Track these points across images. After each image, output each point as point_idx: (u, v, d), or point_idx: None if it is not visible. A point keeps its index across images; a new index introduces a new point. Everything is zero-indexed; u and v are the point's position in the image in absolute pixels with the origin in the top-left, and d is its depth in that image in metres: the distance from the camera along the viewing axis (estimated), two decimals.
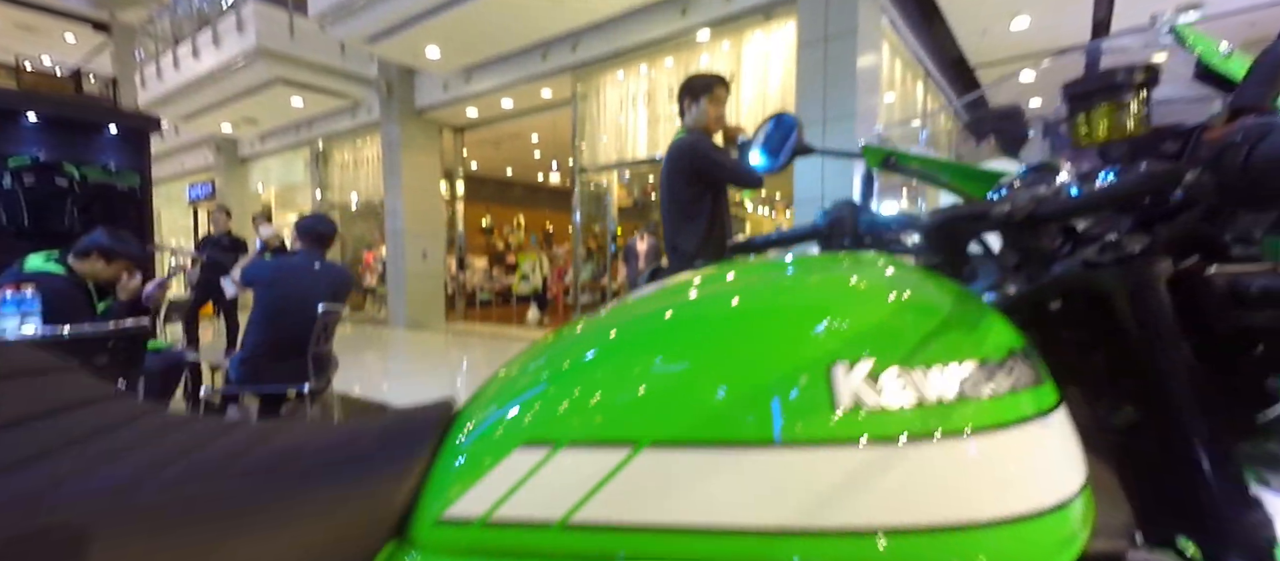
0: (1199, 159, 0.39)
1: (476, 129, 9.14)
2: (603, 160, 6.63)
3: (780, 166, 0.96)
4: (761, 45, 5.36)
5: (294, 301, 2.38)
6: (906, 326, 0.43)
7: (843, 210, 0.75)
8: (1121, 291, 0.46)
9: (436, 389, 4.60)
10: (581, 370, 0.46)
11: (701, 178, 2.01)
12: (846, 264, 0.55)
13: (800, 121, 0.95)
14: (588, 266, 9.34)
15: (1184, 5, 5.72)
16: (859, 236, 0.73)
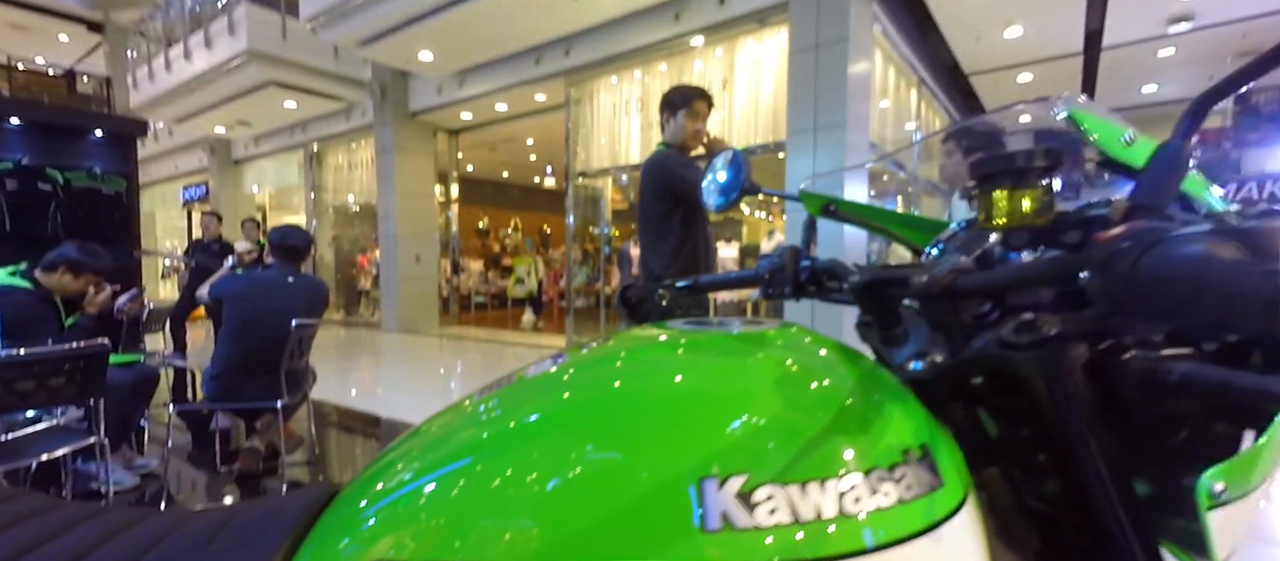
0: (1089, 261, 0.38)
1: (471, 132, 9.09)
2: (596, 165, 6.59)
3: (728, 205, 0.93)
4: (754, 52, 5.32)
5: (266, 316, 2.31)
6: (792, 430, 0.40)
7: (784, 257, 0.73)
8: (1036, 377, 0.44)
9: (422, 398, 4.55)
10: (438, 479, 0.43)
11: (672, 195, 1.95)
12: (751, 343, 0.52)
13: (748, 161, 0.92)
14: (582, 271, 9.30)
15: (1175, 16, 5.69)
16: (800, 284, 0.71)
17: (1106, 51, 6.61)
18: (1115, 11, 5.58)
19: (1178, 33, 6.10)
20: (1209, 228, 0.35)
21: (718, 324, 0.60)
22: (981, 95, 8.31)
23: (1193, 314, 0.32)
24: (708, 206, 0.95)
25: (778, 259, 0.73)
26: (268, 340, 2.28)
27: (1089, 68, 7.17)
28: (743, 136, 5.35)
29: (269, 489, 2.43)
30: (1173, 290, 0.33)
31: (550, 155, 10.81)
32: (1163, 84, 8.04)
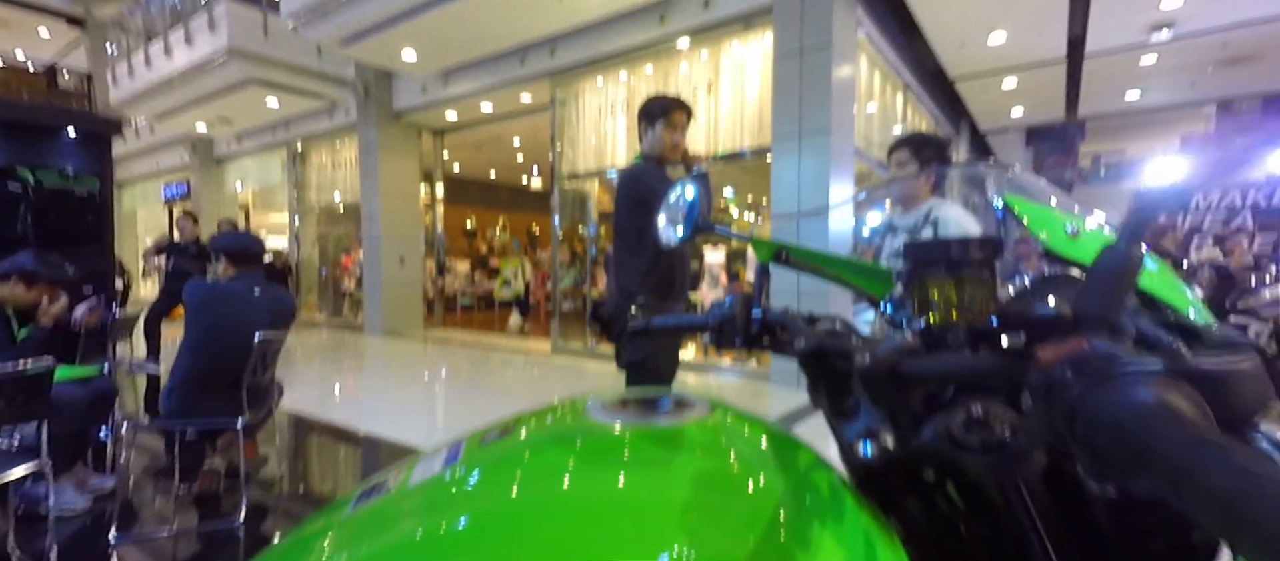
0: (1030, 385, 0.34)
1: (457, 132, 9.01)
2: (582, 167, 6.54)
3: (681, 240, 0.87)
4: (739, 55, 5.29)
5: (228, 329, 2.19)
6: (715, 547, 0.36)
7: (735, 308, 0.70)
8: (989, 482, 0.41)
9: (402, 410, 4.48)
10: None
11: (647, 210, 1.90)
12: (671, 442, 0.48)
13: (706, 193, 0.88)
14: (569, 273, 9.24)
15: (1156, 24, 5.73)
16: (750, 336, 0.68)
17: (1089, 59, 6.65)
18: (1097, 19, 5.60)
19: (1158, 41, 6.15)
20: (1160, 368, 0.31)
21: (642, 407, 0.54)
22: (967, 101, 8.34)
23: (1135, 479, 0.28)
24: (661, 241, 0.90)
25: (727, 309, 0.70)
26: (229, 354, 2.18)
27: (1072, 74, 7.22)
28: (728, 141, 5.33)
29: (228, 510, 2.36)
30: (1114, 449, 0.29)
31: (537, 156, 10.73)
32: (1145, 90, 8.10)
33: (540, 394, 4.89)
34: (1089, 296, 0.38)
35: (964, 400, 0.43)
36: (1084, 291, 0.39)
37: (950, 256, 0.42)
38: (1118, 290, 0.37)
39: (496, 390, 4.96)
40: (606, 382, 4.88)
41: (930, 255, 0.43)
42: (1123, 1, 5.29)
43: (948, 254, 0.42)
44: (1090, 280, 0.39)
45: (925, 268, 0.43)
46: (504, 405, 4.39)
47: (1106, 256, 0.38)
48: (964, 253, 0.42)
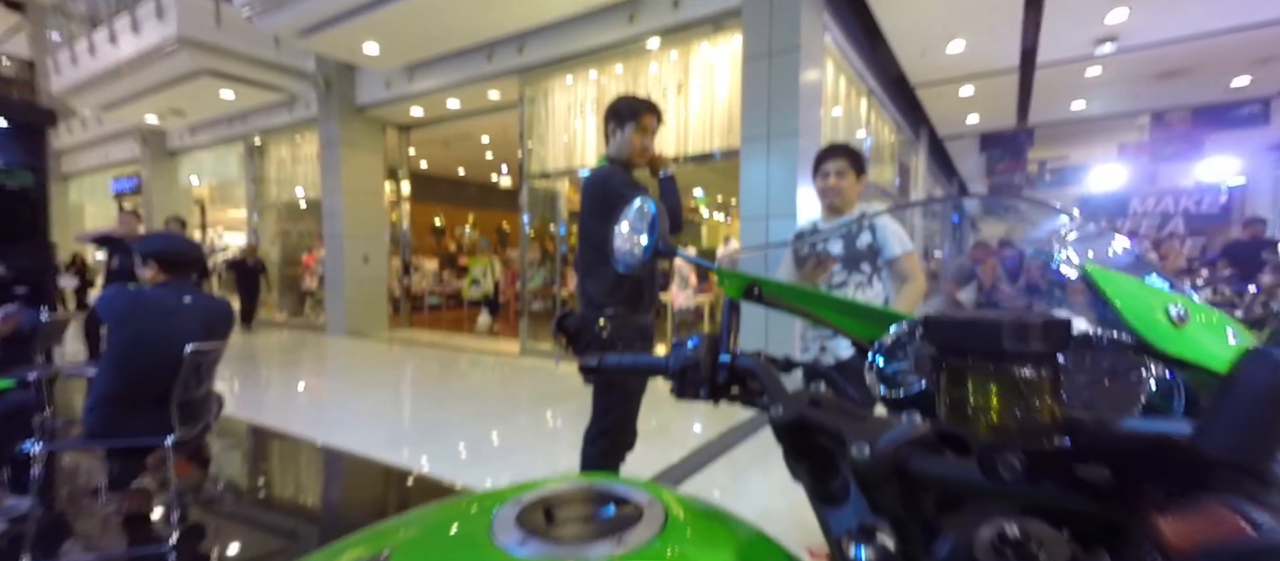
0: None
1: (423, 128, 8.83)
2: (552, 166, 6.50)
3: (638, 265, 0.77)
4: (709, 57, 5.34)
5: (154, 342, 1.99)
6: None
7: (698, 352, 0.60)
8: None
9: (363, 418, 4.38)
10: None
11: (613, 216, 1.86)
12: None
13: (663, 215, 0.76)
14: (538, 273, 9.17)
15: (1101, 38, 6.04)
16: (717, 385, 0.60)
17: (1040, 69, 6.95)
18: (1048, 31, 5.86)
19: (1103, 54, 6.48)
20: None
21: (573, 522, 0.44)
22: (927, 107, 8.62)
23: None
24: (615, 267, 0.81)
25: (691, 352, 0.60)
26: (156, 369, 1.99)
27: (1024, 83, 7.53)
28: (698, 142, 5.38)
29: (160, 533, 2.24)
30: None
31: (506, 154, 10.61)
32: (1090, 101, 8.52)
33: (508, 397, 4.84)
34: (1226, 428, 0.27)
35: (991, 509, 0.35)
36: (1218, 418, 0.27)
37: (1002, 343, 0.30)
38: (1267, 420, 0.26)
39: (463, 393, 4.88)
40: (574, 386, 4.86)
41: (969, 338, 0.31)
42: (1072, 15, 5.55)
43: (997, 339, 0.30)
44: (1225, 403, 0.27)
45: (958, 353, 0.32)
46: (470, 409, 4.33)
47: (1256, 368, 0.27)
48: (1023, 340, 0.30)
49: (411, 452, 3.33)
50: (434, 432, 3.70)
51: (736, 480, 2.92)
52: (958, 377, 0.32)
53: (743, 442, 3.39)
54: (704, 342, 0.61)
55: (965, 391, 0.32)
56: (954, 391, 0.32)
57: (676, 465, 3.07)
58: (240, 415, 4.00)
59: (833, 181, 1.95)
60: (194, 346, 2.03)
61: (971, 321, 0.32)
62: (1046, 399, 0.30)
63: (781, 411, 0.46)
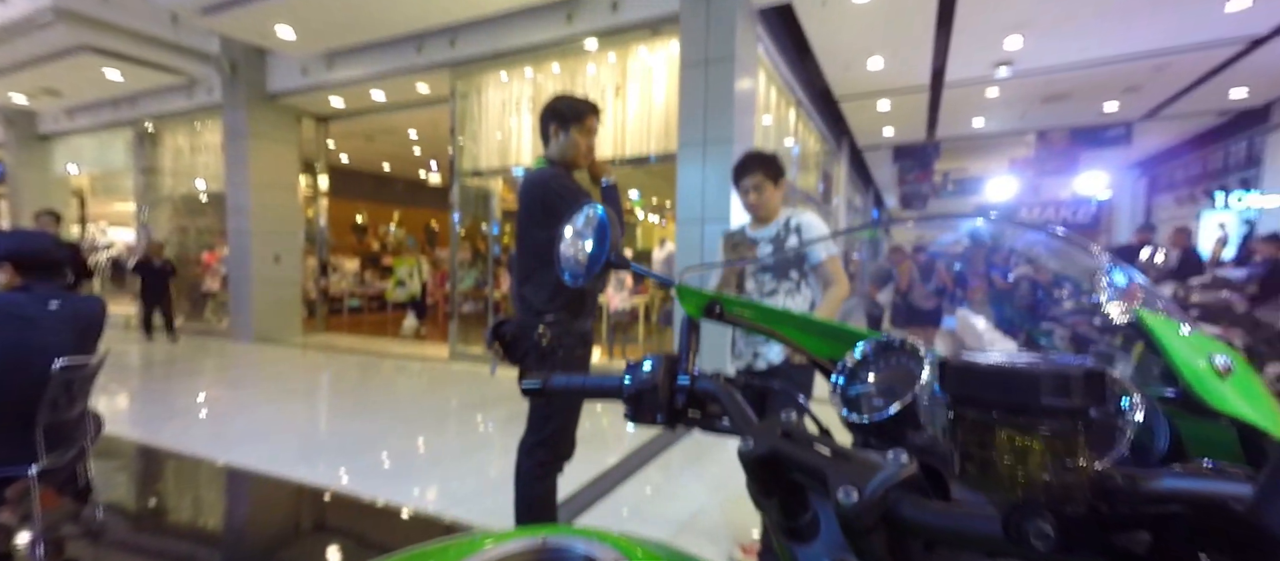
0: None
1: (344, 119, 8.31)
2: (485, 163, 6.31)
3: (588, 279, 0.73)
4: (647, 61, 5.39)
5: (12, 358, 1.74)
6: None
7: (655, 374, 0.56)
8: None
9: (274, 433, 4.06)
10: None
11: (557, 220, 1.80)
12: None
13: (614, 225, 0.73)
14: (469, 273, 8.87)
15: (999, 62, 6.67)
16: (675, 409, 0.56)
17: (947, 88, 7.57)
18: (955, 53, 6.39)
19: (1000, 77, 7.14)
20: None
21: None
22: (848, 119, 9.15)
23: None
24: (562, 278, 0.77)
25: (647, 375, 0.56)
26: (14, 389, 1.73)
27: (933, 101, 8.17)
28: (636, 145, 5.41)
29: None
30: None
31: (436, 149, 10.20)
32: (988, 118, 9.39)
33: (436, 405, 4.65)
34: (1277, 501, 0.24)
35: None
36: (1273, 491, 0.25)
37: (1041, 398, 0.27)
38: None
39: (387, 401, 4.64)
40: (507, 391, 4.75)
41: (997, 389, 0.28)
42: (975, 40, 6.08)
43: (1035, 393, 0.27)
44: None
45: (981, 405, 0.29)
46: (395, 418, 4.12)
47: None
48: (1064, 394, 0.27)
49: (328, 467, 3.12)
50: (354, 444, 3.49)
51: (670, 481, 2.96)
52: (979, 430, 0.29)
53: (675, 445, 3.45)
54: (661, 364, 0.57)
55: (989, 447, 0.29)
56: (975, 446, 0.29)
57: (611, 469, 3.07)
58: (128, 435, 3.59)
59: (752, 197, 1.98)
60: (64, 361, 1.77)
61: (1000, 370, 0.29)
62: (1081, 457, 0.28)
63: (752, 445, 0.42)
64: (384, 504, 2.68)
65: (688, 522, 2.51)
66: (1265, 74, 6.93)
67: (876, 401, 0.51)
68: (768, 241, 1.98)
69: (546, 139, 1.91)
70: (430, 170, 10.82)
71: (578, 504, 2.64)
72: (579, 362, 1.88)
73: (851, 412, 0.50)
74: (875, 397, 0.52)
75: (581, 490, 2.77)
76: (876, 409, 0.49)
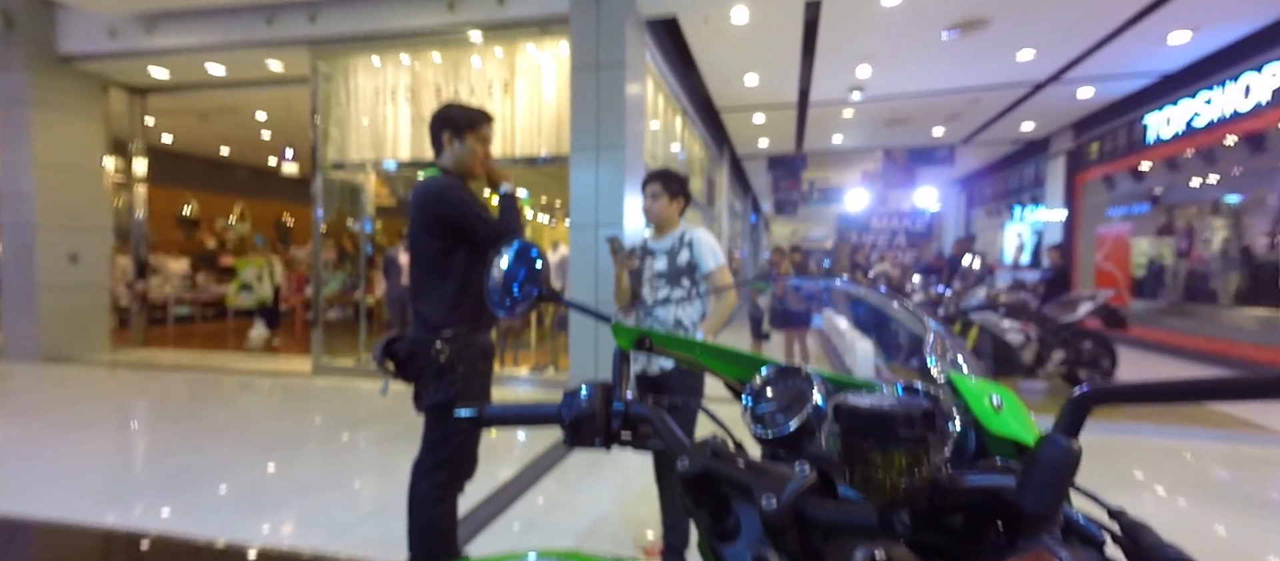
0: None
1: (170, 94, 7.04)
2: (355, 154, 5.71)
3: (518, 313, 0.79)
4: (537, 59, 5.23)
5: None
6: None
7: (592, 401, 0.62)
8: None
9: (66, 471, 3.34)
10: None
11: (453, 231, 1.68)
12: None
13: (546, 258, 0.80)
14: (336, 276, 7.99)
15: (853, 86, 7.49)
16: (611, 433, 0.62)
17: (812, 106, 8.33)
18: (818, 76, 7.04)
19: (854, 100, 8.01)
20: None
21: None
22: (729, 129, 9.71)
23: None
24: (496, 312, 0.81)
25: (584, 403, 0.62)
26: None
27: (800, 117, 8.95)
28: (526, 145, 5.23)
29: None
30: None
31: (292, 135, 9.03)
32: (845, 135, 10.52)
33: (295, 426, 4.11)
34: (1034, 490, 0.38)
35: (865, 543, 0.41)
36: (1028, 484, 0.38)
37: (887, 431, 0.39)
38: (1061, 485, 0.37)
39: (227, 426, 4.00)
40: (380, 406, 4.34)
41: (871, 424, 0.40)
42: (833, 66, 6.75)
43: (886, 426, 0.39)
44: (1034, 472, 0.38)
45: (861, 434, 0.41)
46: (239, 444, 3.57)
47: (1049, 450, 0.38)
48: (908, 428, 0.39)
49: (148, 508, 2.62)
50: (185, 478, 2.96)
51: (569, 490, 2.90)
52: (859, 451, 0.41)
53: (571, 455, 3.39)
54: (597, 392, 0.63)
55: (866, 462, 0.41)
56: (857, 461, 0.41)
57: (507, 484, 2.94)
58: None
59: (648, 203, 2.14)
60: None
61: (872, 410, 0.41)
62: (923, 466, 0.40)
63: (689, 464, 0.51)
64: (225, 544, 2.30)
65: (589, 531, 2.47)
66: (1046, 111, 8.55)
67: (778, 417, 0.60)
68: (663, 253, 2.11)
69: (438, 147, 1.82)
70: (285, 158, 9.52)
71: (473, 524, 2.48)
72: (480, 377, 1.77)
73: (760, 428, 0.60)
74: (777, 414, 0.61)
75: (476, 508, 2.61)
76: (778, 424, 0.59)
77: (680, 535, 2.00)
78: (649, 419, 0.61)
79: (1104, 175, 8.59)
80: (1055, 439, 0.38)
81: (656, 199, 2.10)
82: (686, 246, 2.07)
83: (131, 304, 7.31)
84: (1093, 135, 8.84)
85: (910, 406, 0.40)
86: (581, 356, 4.74)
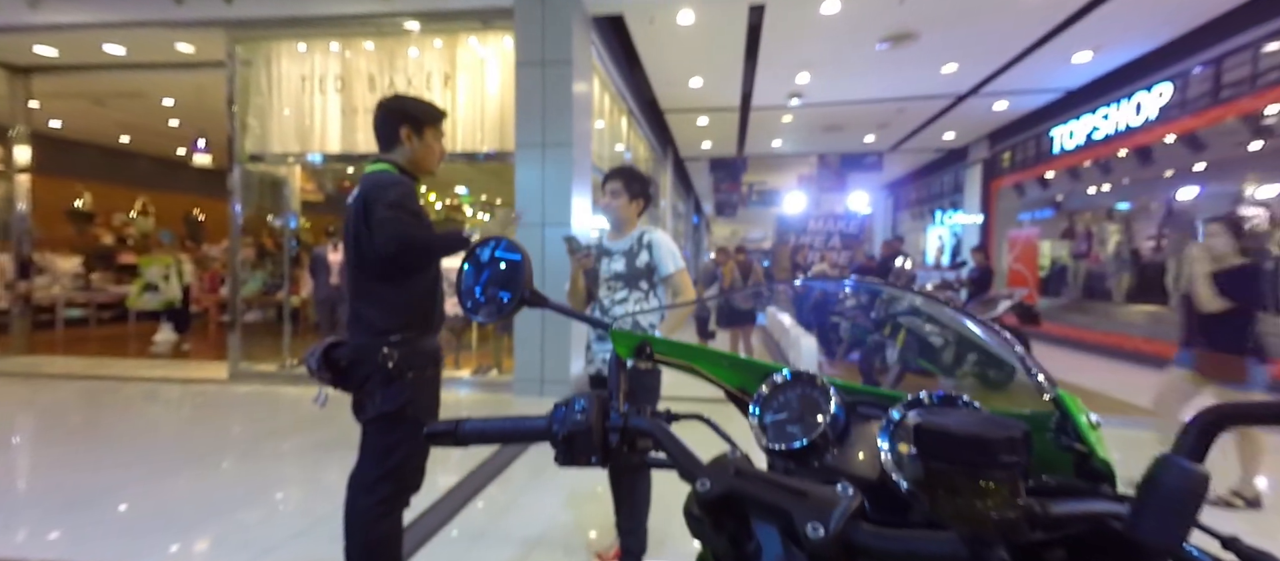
0: None
1: (59, 75, 6.32)
2: (278, 146, 5.33)
3: (497, 317, 0.72)
4: (479, 53, 5.07)
5: None
6: None
7: (587, 414, 0.56)
8: None
9: None
10: None
11: None
12: None
13: (528, 259, 0.72)
14: (256, 275, 7.43)
15: (793, 93, 7.75)
16: (609, 449, 0.56)
17: (753, 111, 8.56)
18: (759, 81, 7.24)
19: (793, 106, 8.30)
20: None
21: None
22: (673, 131, 9.81)
23: None
24: (475, 319, 0.75)
25: (579, 415, 0.56)
26: None
27: (742, 121, 9.17)
28: (467, 140, 5.05)
29: None
30: None
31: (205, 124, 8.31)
32: (785, 141, 10.87)
33: (209, 437, 3.78)
34: (1154, 520, 0.33)
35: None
36: (1146, 513, 0.34)
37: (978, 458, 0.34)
38: (1186, 515, 0.33)
39: (128, 439, 3.63)
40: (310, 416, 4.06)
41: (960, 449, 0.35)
42: (774, 73, 6.95)
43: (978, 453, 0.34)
44: (1154, 500, 0.34)
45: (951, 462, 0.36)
46: (140, 463, 3.24)
47: (1172, 475, 0.34)
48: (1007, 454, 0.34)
49: (32, 534, 2.33)
50: (76, 499, 2.66)
51: (516, 498, 2.82)
52: (946, 478, 0.36)
53: (515, 461, 3.30)
54: (594, 404, 0.57)
55: (955, 490, 0.35)
56: (944, 489, 0.36)
57: (450, 492, 2.83)
58: None
59: (607, 199, 2.07)
60: None
61: (968, 435, 0.35)
62: (1020, 497, 0.35)
63: (710, 487, 0.45)
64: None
65: (539, 538, 2.41)
66: (965, 122, 9.18)
67: (790, 429, 0.57)
68: (621, 254, 2.06)
69: (391, 141, 1.66)
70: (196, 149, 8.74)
71: (415, 536, 2.36)
72: (430, 384, 1.67)
73: (772, 440, 0.56)
74: (788, 425, 0.57)
75: (418, 520, 2.49)
76: (791, 436, 0.55)
77: (638, 540, 1.95)
78: (652, 433, 0.56)
79: (1015, 183, 9.33)
80: (1178, 462, 0.34)
81: (617, 197, 2.04)
82: (646, 248, 2.02)
83: (12, 306, 6.50)
84: (1006, 145, 9.58)
85: (1008, 429, 0.35)
86: (528, 357, 4.64)
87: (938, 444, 0.36)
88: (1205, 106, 5.87)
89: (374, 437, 1.61)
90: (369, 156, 2.49)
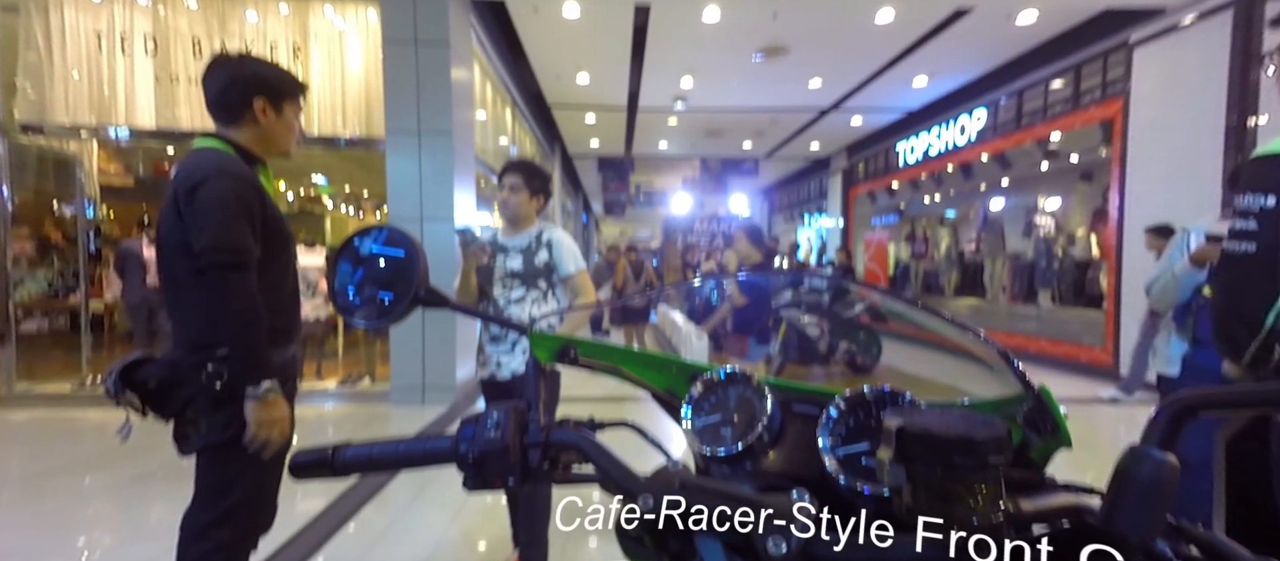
0: None
1: None
2: (63, 116, 4.32)
3: (388, 321, 0.64)
4: (336, 25, 4.51)
5: None
6: None
7: (502, 429, 0.49)
8: None
9: None
10: None
11: (238, 226, 1.22)
12: None
13: (423, 252, 0.63)
14: (40, 275, 5.99)
15: (677, 96, 7.95)
16: (529, 468, 0.50)
17: (640, 112, 8.65)
18: (646, 82, 7.32)
19: (678, 109, 8.52)
20: None
21: None
22: (561, 126, 9.60)
23: None
24: (356, 324, 0.67)
25: (493, 433, 0.49)
26: None
27: (630, 121, 9.24)
28: (326, 124, 4.47)
29: None
30: None
31: None
32: (670, 143, 11.16)
33: None
34: (1128, 512, 0.33)
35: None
36: (1120, 505, 0.33)
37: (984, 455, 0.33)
38: (1158, 506, 0.33)
39: None
40: (117, 445, 3.32)
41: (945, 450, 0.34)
42: (660, 75, 7.06)
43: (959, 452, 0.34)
44: (1126, 492, 0.33)
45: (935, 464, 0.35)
46: None
47: (1143, 466, 0.33)
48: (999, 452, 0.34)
49: None
50: None
51: (395, 520, 2.51)
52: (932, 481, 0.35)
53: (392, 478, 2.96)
54: (510, 417, 0.50)
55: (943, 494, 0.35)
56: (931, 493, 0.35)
57: (317, 519, 2.44)
58: None
59: (505, 194, 1.97)
60: None
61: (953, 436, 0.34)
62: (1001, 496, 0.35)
63: (652, 504, 0.40)
64: None
65: (428, 560, 2.16)
66: (828, 134, 10.08)
67: (724, 431, 0.54)
68: (518, 251, 1.97)
69: (237, 114, 1.32)
70: None
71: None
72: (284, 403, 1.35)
73: (704, 444, 0.53)
74: (722, 427, 0.55)
75: (275, 556, 2.09)
76: (725, 440, 0.53)
77: (539, 552, 1.85)
78: (580, 447, 0.49)
79: (868, 191, 10.45)
80: (1148, 452, 0.34)
81: (516, 192, 1.94)
82: (545, 247, 1.94)
83: None
84: (861, 157, 10.69)
85: (993, 428, 0.35)
86: (406, 363, 4.22)
87: (925, 445, 0.35)
88: (1010, 131, 6.98)
89: (205, 473, 1.29)
90: (195, 134, 2.06)
